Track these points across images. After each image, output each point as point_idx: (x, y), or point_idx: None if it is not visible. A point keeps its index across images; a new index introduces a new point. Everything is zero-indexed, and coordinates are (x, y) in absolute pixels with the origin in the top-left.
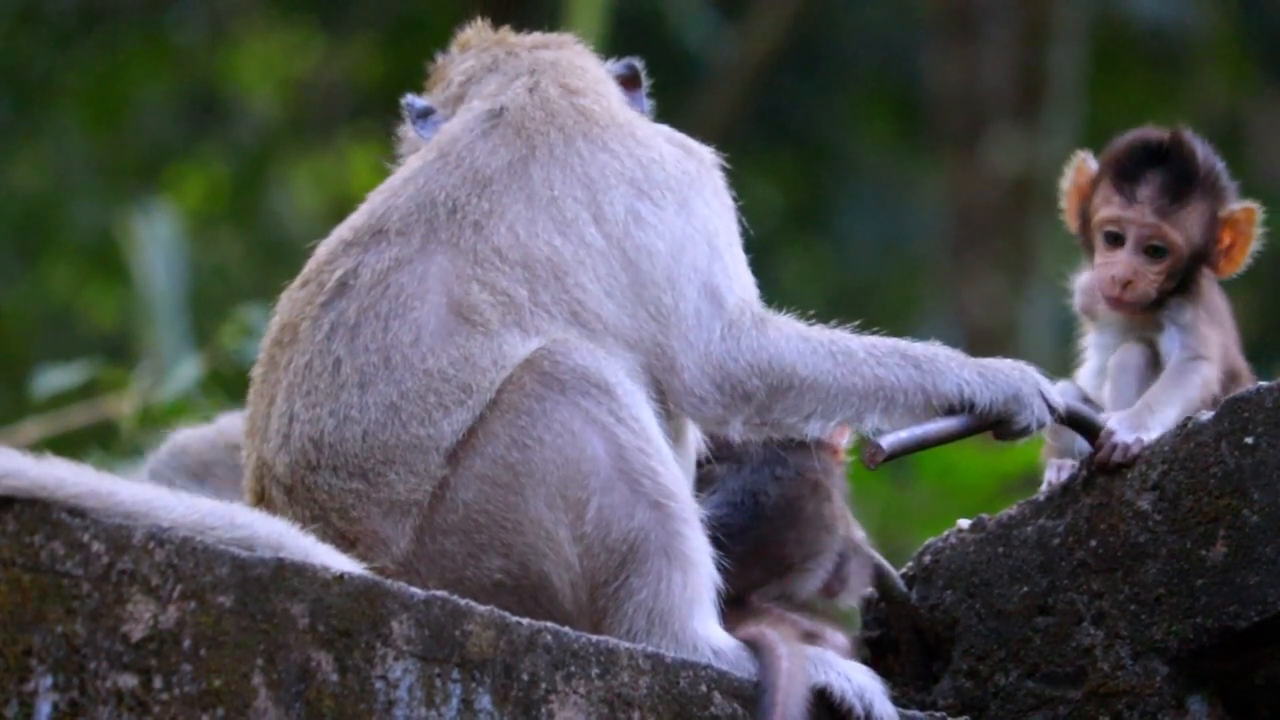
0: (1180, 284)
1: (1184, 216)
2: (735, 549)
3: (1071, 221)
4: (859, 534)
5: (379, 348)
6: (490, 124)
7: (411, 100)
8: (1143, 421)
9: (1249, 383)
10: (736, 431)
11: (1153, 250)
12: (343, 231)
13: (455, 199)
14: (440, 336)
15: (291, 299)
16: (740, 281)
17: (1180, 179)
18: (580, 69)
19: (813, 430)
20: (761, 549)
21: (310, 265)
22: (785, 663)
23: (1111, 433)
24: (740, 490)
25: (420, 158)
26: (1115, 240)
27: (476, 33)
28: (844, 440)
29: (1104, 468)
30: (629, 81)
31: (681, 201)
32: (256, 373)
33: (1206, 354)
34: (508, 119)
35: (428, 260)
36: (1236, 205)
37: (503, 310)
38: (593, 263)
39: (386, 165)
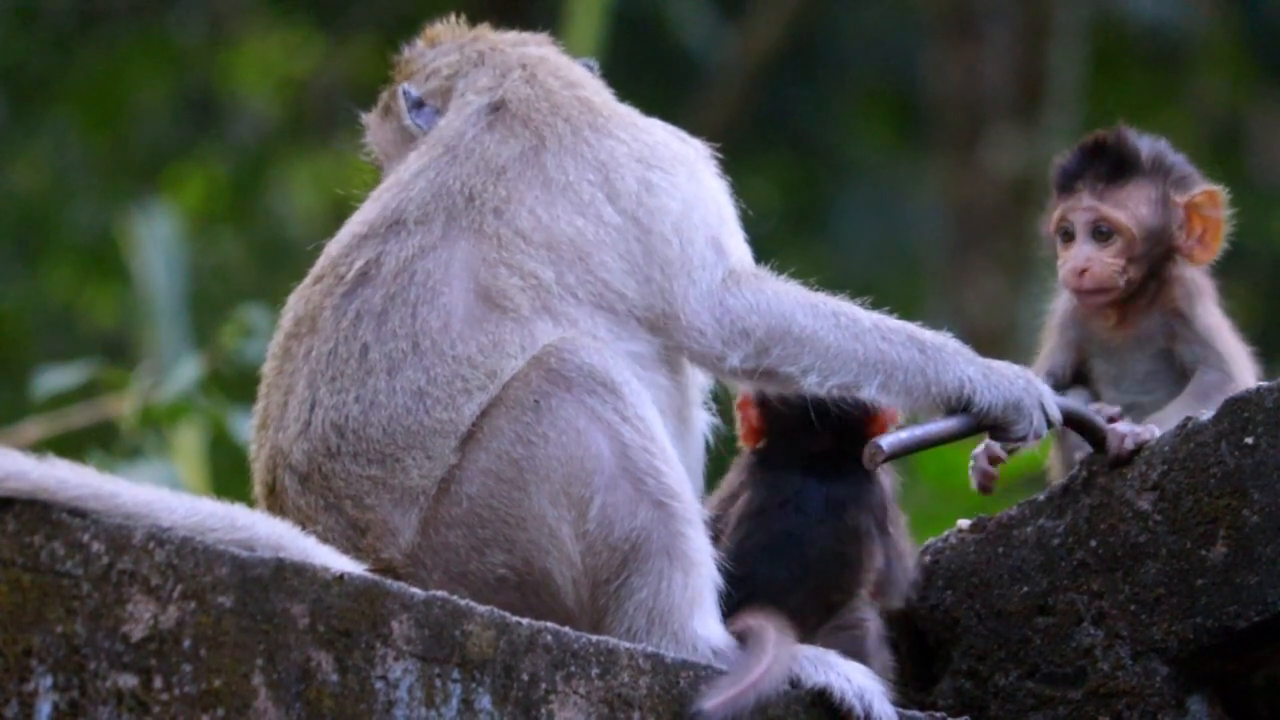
0: (1162, 278)
1: (1124, 196)
2: (789, 602)
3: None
4: (904, 542)
5: (408, 334)
6: (493, 116)
7: (407, 89)
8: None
9: None
10: (735, 374)
11: (1099, 234)
12: (354, 227)
13: (471, 187)
14: (469, 323)
15: (305, 294)
16: (743, 248)
17: (1117, 163)
18: (569, 64)
19: (809, 385)
20: (814, 599)
21: (323, 261)
22: (769, 649)
23: (1117, 426)
24: (783, 536)
25: (424, 153)
26: (1068, 237)
27: (449, 28)
28: (889, 429)
29: (1119, 461)
30: None
31: (691, 172)
32: (269, 366)
33: (1234, 370)
34: (512, 110)
35: (451, 247)
36: (1198, 189)
37: (532, 294)
38: (612, 241)
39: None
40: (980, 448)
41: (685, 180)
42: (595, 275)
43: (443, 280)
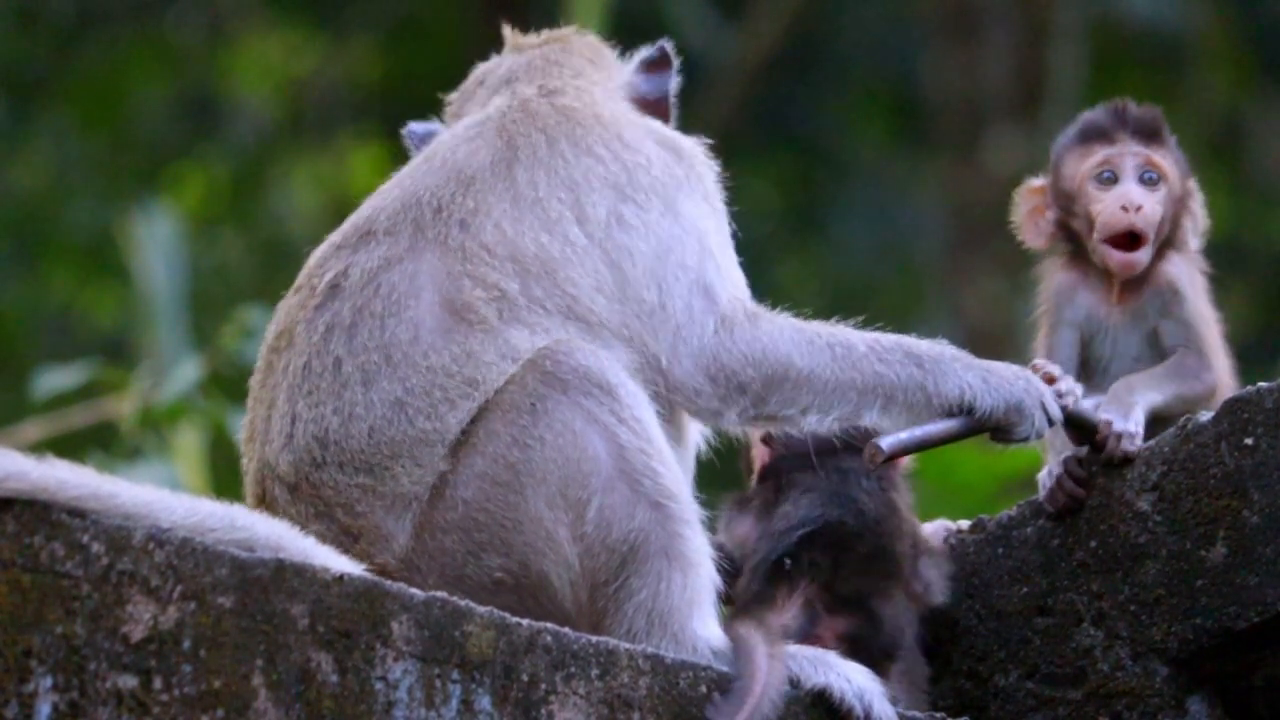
0: (1161, 256)
1: (1164, 153)
2: (858, 550)
3: (1038, 238)
4: (925, 532)
5: (378, 346)
6: (475, 129)
7: (411, 128)
8: (1131, 402)
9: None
10: (732, 425)
11: (1146, 180)
12: (334, 236)
13: (439, 198)
14: (439, 333)
15: (286, 306)
16: (733, 280)
17: (1152, 125)
18: (559, 66)
19: (810, 424)
20: (880, 553)
21: (303, 272)
22: (763, 660)
23: (1109, 423)
24: (840, 494)
25: (410, 164)
26: (1107, 181)
27: (510, 38)
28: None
29: (1111, 462)
30: (657, 64)
31: (668, 203)
32: (254, 380)
33: (1213, 362)
34: (489, 123)
35: (417, 259)
36: (1191, 180)
37: (498, 307)
38: (579, 259)
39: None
40: (1057, 468)
41: (659, 216)
42: (563, 289)
43: (408, 293)
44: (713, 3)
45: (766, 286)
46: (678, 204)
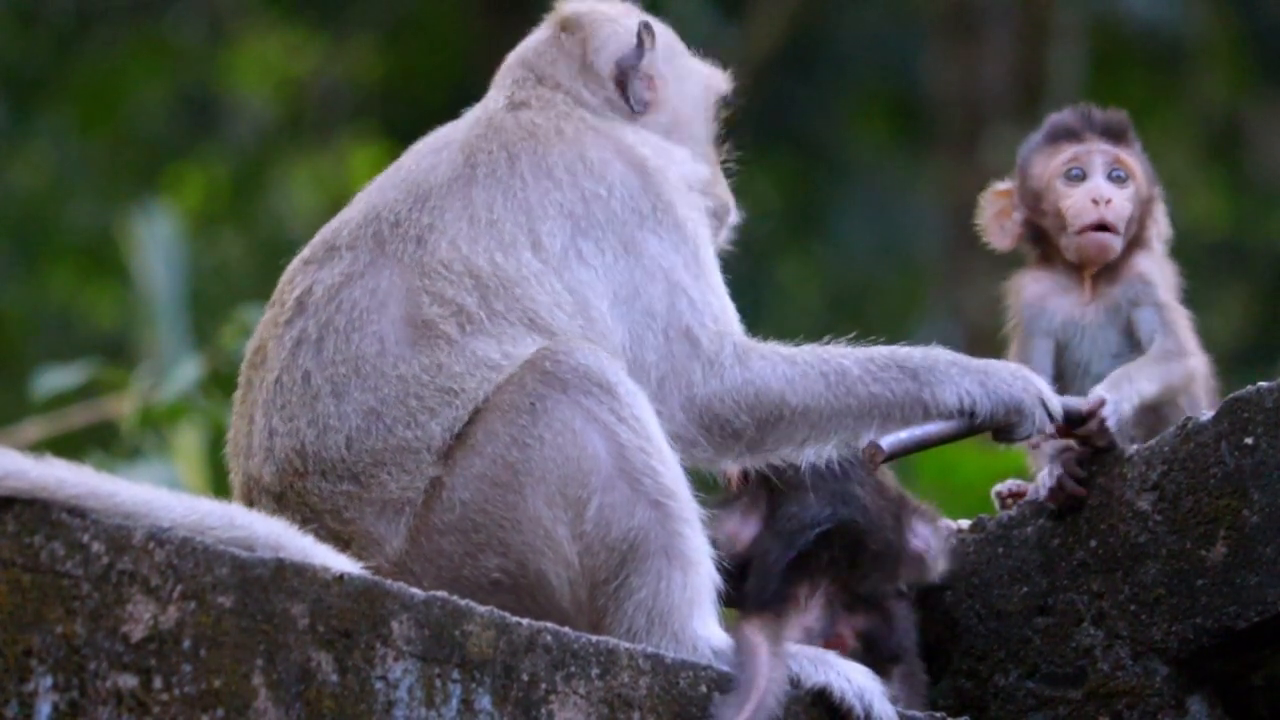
0: (1130, 254)
1: (1131, 153)
2: (870, 548)
3: (1004, 239)
4: (918, 502)
5: (345, 359)
6: (442, 141)
7: None
8: (1126, 392)
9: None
10: (728, 466)
11: (1115, 178)
12: (304, 250)
13: (397, 213)
14: (405, 345)
15: (262, 321)
16: (713, 312)
17: (1119, 126)
18: (531, 70)
19: (808, 456)
20: (888, 550)
21: (277, 286)
22: (764, 660)
23: (1103, 402)
24: (842, 491)
25: (380, 174)
26: (1076, 178)
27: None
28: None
29: (1088, 440)
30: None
31: (627, 242)
32: (236, 395)
33: (1190, 348)
34: (456, 135)
35: (377, 275)
36: (1156, 186)
37: (457, 322)
38: (536, 279)
39: None
40: (1058, 468)
41: (615, 259)
42: (522, 305)
43: (370, 308)
44: (713, 3)
45: (767, 287)
46: (638, 241)
